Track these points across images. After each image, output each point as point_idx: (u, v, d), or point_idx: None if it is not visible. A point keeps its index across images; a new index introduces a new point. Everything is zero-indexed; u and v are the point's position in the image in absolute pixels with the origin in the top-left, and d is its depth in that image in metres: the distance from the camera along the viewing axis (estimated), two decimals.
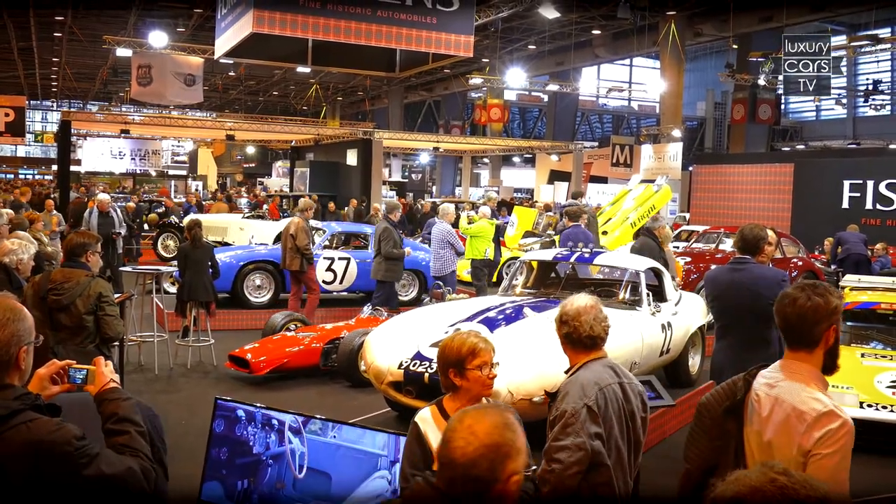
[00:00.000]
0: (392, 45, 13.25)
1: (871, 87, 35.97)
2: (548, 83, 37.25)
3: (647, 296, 8.03)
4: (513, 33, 31.65)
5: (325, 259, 12.92)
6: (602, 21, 29.37)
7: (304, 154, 32.19)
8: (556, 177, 35.62)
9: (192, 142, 44.80)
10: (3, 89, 41.11)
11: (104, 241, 12.64)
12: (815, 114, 49.12)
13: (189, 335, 9.49)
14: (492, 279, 13.88)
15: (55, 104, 58.76)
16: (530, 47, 34.61)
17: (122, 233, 13.65)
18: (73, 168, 32.68)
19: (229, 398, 3.58)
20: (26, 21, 29.19)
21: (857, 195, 20.37)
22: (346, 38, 12.51)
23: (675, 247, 17.95)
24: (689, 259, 13.97)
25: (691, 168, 28.32)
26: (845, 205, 20.53)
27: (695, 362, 9.04)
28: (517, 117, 56.00)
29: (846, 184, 20.62)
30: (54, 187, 28.91)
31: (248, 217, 20.49)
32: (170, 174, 49.97)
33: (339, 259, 13.11)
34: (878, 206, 19.90)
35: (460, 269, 12.92)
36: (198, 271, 9.31)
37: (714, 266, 9.94)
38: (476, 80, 33.19)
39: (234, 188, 42.04)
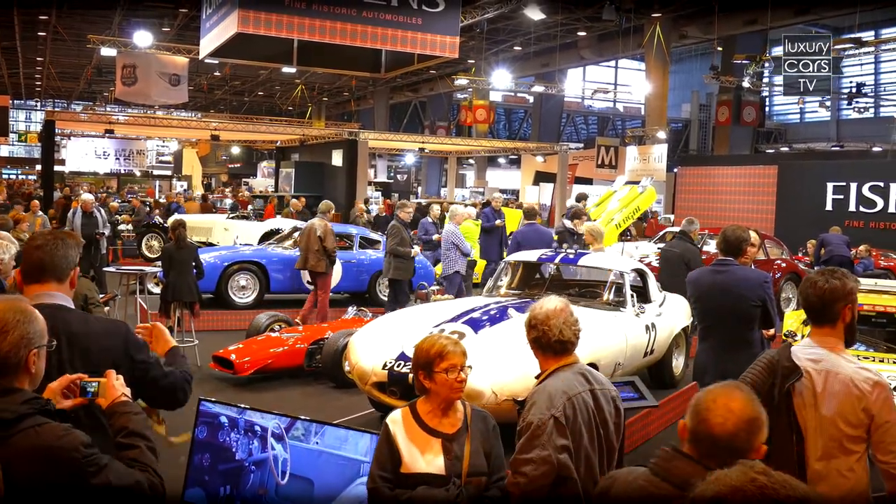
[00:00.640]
0: (377, 46, 13.26)
1: (854, 90, 36.15)
2: (533, 84, 37.24)
3: (632, 297, 8.05)
4: (498, 34, 31.67)
5: None
6: (587, 23, 29.42)
7: (289, 154, 32.05)
8: (541, 178, 35.57)
9: (176, 142, 44.56)
10: None
11: (87, 242, 12.70)
12: (799, 116, 49.30)
13: (173, 336, 9.42)
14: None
15: (39, 104, 58.42)
16: (516, 48, 34.65)
17: (105, 233, 13.57)
18: (57, 168, 32.52)
19: (213, 399, 3.57)
20: (10, 20, 28.99)
21: (841, 197, 20.51)
22: (331, 38, 12.50)
23: (659, 248, 18.04)
24: None
25: (676, 169, 28.42)
26: (829, 207, 20.67)
27: (679, 363, 9.07)
28: (503, 118, 56.04)
29: (829, 186, 20.77)
30: (37, 187, 28.72)
31: (232, 218, 20.47)
32: (154, 174, 49.77)
33: None
34: (862, 209, 20.04)
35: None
36: (182, 272, 9.29)
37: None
38: (461, 81, 33.13)
39: (219, 188, 41.85)
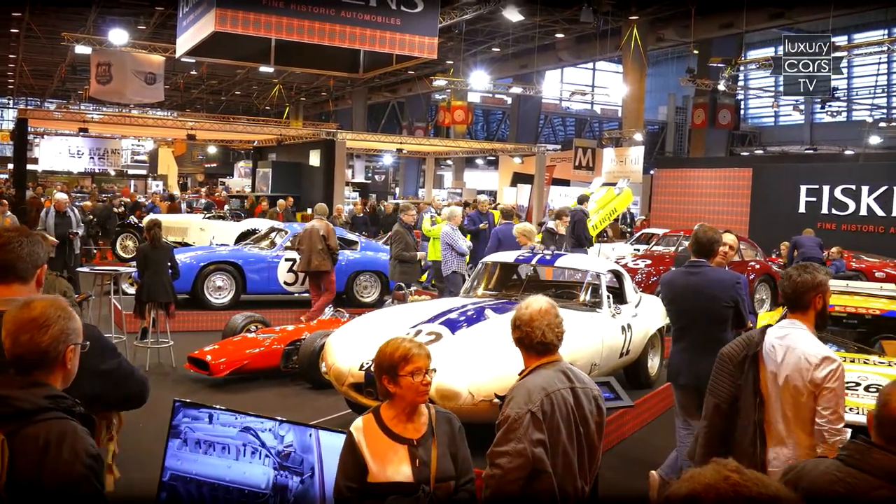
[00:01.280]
0: (356, 46, 13.23)
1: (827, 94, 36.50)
2: (511, 86, 37.34)
3: (608, 298, 8.10)
4: (477, 35, 31.73)
5: (287, 261, 12.87)
6: (565, 25, 29.55)
7: (266, 154, 31.90)
8: (519, 179, 35.63)
9: (152, 141, 44.13)
10: None
11: (61, 242, 12.58)
12: (773, 119, 49.78)
13: (148, 336, 9.38)
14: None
15: (11, 101, 57.64)
16: (494, 50, 34.72)
17: (79, 233, 13.44)
18: (29, 167, 32.12)
19: (188, 400, 3.56)
20: None
21: (814, 200, 20.72)
22: (309, 38, 12.47)
23: (635, 249, 18.17)
24: (648, 262, 14.17)
25: (652, 172, 28.56)
26: (802, 209, 20.88)
27: (654, 364, 9.13)
28: (480, 119, 56.09)
29: (803, 188, 20.98)
30: (9, 186, 28.38)
31: (208, 218, 20.35)
32: (129, 174, 49.26)
33: None
34: (834, 211, 20.27)
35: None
36: (157, 272, 9.21)
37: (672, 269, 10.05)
38: (440, 82, 33.14)
39: (194, 188, 41.55)
